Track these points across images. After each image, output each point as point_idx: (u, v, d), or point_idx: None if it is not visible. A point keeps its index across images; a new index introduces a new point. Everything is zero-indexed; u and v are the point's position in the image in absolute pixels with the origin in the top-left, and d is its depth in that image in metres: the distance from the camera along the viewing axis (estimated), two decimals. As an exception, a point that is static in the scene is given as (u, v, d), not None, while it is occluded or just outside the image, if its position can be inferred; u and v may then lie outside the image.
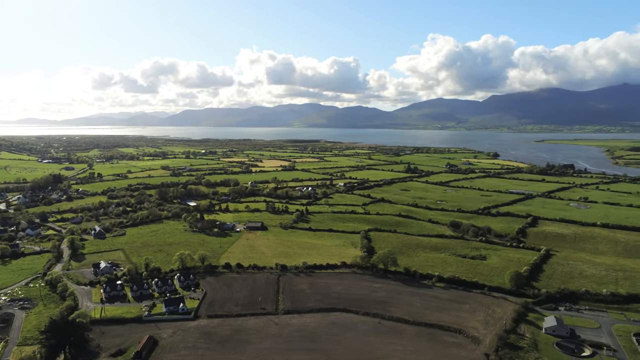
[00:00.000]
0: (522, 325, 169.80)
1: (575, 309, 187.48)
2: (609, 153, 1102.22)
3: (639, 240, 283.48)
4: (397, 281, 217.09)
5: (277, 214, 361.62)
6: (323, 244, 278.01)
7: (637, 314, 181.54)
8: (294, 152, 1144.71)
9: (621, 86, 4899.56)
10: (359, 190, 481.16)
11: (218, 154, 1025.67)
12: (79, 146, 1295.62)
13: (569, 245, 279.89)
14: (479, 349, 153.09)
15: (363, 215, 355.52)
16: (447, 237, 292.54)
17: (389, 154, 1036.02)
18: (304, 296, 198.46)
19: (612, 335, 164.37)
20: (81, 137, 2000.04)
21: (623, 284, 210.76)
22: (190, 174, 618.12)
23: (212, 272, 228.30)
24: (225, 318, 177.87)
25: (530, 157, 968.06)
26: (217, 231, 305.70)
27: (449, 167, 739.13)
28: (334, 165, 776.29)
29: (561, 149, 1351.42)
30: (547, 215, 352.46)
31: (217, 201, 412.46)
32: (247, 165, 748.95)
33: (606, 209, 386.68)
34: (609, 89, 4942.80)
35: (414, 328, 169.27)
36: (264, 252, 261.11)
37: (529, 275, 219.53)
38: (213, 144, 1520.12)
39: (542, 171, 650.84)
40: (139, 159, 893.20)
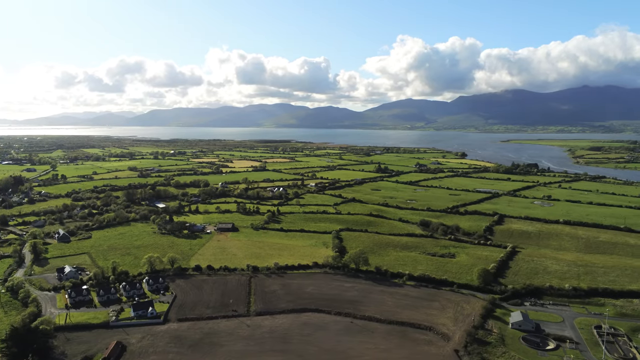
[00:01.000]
0: (489, 321, 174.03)
1: (540, 303, 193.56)
2: (571, 153, 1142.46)
3: (598, 237, 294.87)
4: (368, 280, 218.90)
5: (248, 214, 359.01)
6: (295, 245, 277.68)
7: (598, 307, 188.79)
8: (265, 152, 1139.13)
9: (581, 88, 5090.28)
10: (330, 190, 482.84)
11: (187, 155, 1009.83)
12: (41, 147, 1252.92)
13: (533, 242, 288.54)
14: (448, 346, 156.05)
15: (334, 215, 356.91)
16: (417, 236, 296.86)
17: (359, 154, 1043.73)
18: (276, 297, 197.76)
19: (575, 328, 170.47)
20: (43, 137, 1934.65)
21: (584, 278, 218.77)
22: (159, 175, 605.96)
23: (182, 275, 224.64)
24: (196, 321, 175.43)
25: (496, 157, 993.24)
26: (187, 233, 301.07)
27: (418, 166, 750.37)
28: (305, 165, 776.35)
29: (526, 148, 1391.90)
30: (512, 213, 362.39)
31: (187, 202, 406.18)
32: (218, 166, 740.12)
33: (568, 207, 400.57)
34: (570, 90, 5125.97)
35: (385, 326, 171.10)
36: (235, 253, 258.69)
37: (496, 272, 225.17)
38: (182, 144, 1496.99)
39: (507, 170, 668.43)
40: (105, 159, 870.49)
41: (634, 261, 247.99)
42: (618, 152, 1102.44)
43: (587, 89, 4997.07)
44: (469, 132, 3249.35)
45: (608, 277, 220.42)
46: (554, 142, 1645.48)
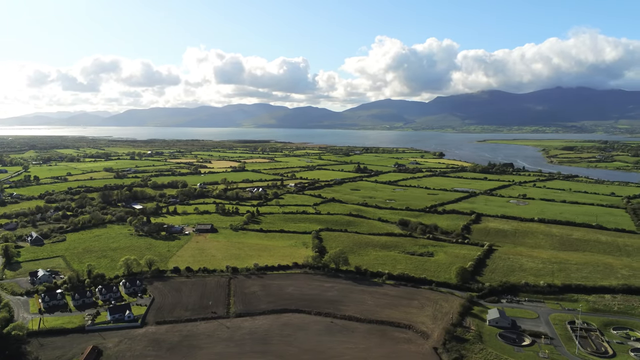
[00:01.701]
0: (467, 318, 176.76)
1: (516, 300, 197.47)
2: (545, 152, 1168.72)
3: (572, 235, 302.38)
4: (348, 280, 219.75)
5: (228, 215, 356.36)
6: (274, 245, 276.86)
7: (571, 303, 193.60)
8: (244, 152, 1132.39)
9: (555, 89, 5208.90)
10: (310, 190, 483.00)
11: (165, 155, 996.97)
12: (12, 147, 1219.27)
13: (509, 240, 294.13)
14: (427, 343, 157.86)
15: (314, 215, 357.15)
16: (397, 235, 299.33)
17: (339, 154, 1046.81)
18: (256, 298, 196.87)
19: (549, 324, 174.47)
20: (15, 137, 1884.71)
21: (558, 275, 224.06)
22: (136, 176, 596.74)
23: (160, 277, 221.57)
24: (175, 324, 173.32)
25: (473, 157, 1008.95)
26: (165, 234, 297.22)
27: (397, 166, 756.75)
28: (285, 165, 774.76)
29: (501, 148, 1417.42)
30: (489, 212, 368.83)
31: (165, 204, 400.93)
32: (196, 167, 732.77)
33: (542, 205, 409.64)
34: (543, 91, 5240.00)
35: (365, 326, 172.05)
36: (214, 254, 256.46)
37: (474, 270, 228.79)
38: (160, 144, 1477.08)
39: (484, 170, 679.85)
40: (80, 160, 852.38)
41: (605, 258, 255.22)
42: (590, 151, 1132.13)
43: (560, 90, 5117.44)
44: (447, 132, 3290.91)
45: (581, 274, 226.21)
46: (529, 142, 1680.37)
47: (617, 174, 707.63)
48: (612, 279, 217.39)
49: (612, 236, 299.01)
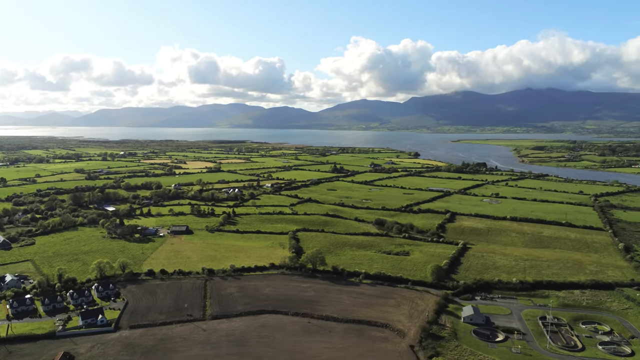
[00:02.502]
0: (443, 316, 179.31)
1: (490, 297, 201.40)
2: (516, 152, 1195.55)
3: (542, 232, 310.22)
4: (325, 280, 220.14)
5: (203, 216, 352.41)
6: (251, 246, 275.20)
7: (542, 299, 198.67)
8: (220, 153, 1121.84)
9: (525, 90, 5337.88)
10: (287, 190, 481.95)
11: (138, 156, 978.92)
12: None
13: (483, 238, 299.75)
14: (404, 342, 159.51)
15: (291, 215, 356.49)
16: (373, 235, 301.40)
17: (315, 154, 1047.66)
18: (233, 300, 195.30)
19: (522, 320, 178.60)
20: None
21: (530, 272, 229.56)
22: (108, 177, 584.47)
23: (134, 280, 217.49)
24: (149, 327, 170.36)
25: (447, 156, 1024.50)
26: (139, 237, 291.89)
27: (373, 166, 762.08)
28: (261, 166, 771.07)
29: (475, 148, 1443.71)
30: (463, 210, 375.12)
31: (138, 205, 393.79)
32: (170, 167, 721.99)
33: (514, 204, 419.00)
34: (515, 92, 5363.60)
35: (342, 325, 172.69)
36: (189, 256, 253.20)
37: (449, 268, 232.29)
38: (133, 145, 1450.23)
39: (458, 169, 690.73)
40: (50, 161, 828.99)
41: (574, 254, 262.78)
42: (559, 151, 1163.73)
43: (531, 91, 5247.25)
44: (422, 132, 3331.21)
45: (551, 270, 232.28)
46: (501, 142, 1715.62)
47: (585, 172, 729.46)
48: (581, 275, 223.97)
49: (581, 233, 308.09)
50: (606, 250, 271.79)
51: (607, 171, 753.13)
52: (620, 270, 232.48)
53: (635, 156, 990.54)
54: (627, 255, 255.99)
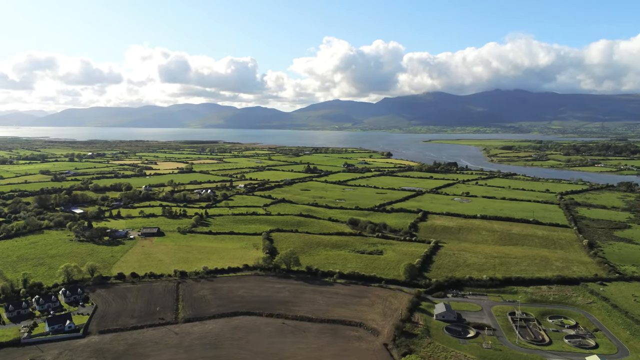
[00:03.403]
0: (416, 313, 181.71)
1: (461, 294, 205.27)
2: (486, 152, 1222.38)
3: (511, 230, 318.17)
4: (299, 280, 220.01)
5: (175, 218, 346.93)
6: (224, 247, 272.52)
7: (511, 295, 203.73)
8: (192, 153, 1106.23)
9: (494, 91, 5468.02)
10: (260, 191, 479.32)
11: (107, 157, 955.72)
12: None
13: (454, 236, 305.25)
14: (378, 340, 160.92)
15: (264, 216, 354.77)
16: (347, 235, 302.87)
17: (288, 155, 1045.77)
18: (206, 302, 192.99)
19: (492, 316, 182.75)
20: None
21: (499, 269, 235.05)
22: (76, 179, 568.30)
23: (103, 284, 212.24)
24: (120, 332, 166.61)
25: (419, 156, 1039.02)
26: (108, 239, 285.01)
27: (346, 166, 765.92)
28: (234, 166, 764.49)
29: (446, 148, 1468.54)
30: (435, 209, 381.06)
31: (108, 207, 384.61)
32: (141, 168, 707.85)
33: (484, 202, 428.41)
34: (484, 93, 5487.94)
35: (317, 325, 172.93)
36: (161, 259, 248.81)
37: (421, 266, 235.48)
38: (101, 145, 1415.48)
39: (430, 169, 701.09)
40: (13, 163, 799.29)
41: (541, 251, 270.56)
42: (526, 151, 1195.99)
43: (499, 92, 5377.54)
44: (394, 132, 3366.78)
45: (520, 267, 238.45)
46: (471, 142, 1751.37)
47: (551, 171, 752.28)
48: (547, 271, 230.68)
49: (548, 230, 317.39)
50: (571, 247, 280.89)
51: (572, 170, 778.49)
52: (584, 266, 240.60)
53: (598, 155, 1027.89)
54: (591, 251, 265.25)
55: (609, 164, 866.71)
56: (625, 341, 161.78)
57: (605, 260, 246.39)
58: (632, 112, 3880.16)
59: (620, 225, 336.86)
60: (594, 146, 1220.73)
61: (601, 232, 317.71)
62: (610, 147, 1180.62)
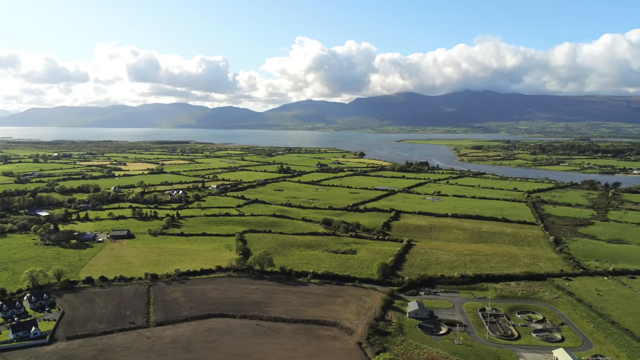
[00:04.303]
0: (389, 312, 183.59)
1: (433, 292, 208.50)
2: (456, 151, 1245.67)
3: (481, 228, 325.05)
4: (273, 281, 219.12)
5: (145, 220, 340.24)
6: (197, 249, 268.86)
7: (482, 291, 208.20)
8: (162, 154, 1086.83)
9: (464, 92, 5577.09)
10: (233, 191, 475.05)
11: (74, 157, 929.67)
12: None
13: (426, 235, 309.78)
14: (352, 339, 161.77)
15: (237, 217, 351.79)
16: (320, 234, 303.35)
17: (261, 155, 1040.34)
18: (178, 305, 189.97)
19: (463, 312, 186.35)
20: None
21: (470, 266, 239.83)
22: (41, 180, 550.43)
23: (71, 289, 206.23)
24: (88, 338, 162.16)
25: (391, 156, 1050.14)
26: (76, 243, 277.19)
27: (319, 166, 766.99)
28: (206, 167, 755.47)
29: (417, 148, 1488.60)
30: (407, 208, 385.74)
31: (75, 209, 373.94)
32: (109, 169, 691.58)
33: (455, 201, 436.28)
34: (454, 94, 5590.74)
35: (291, 326, 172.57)
36: (131, 262, 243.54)
37: (394, 265, 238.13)
38: (67, 146, 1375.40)
39: (402, 169, 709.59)
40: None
41: (510, 248, 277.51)
42: (495, 150, 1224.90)
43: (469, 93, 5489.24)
44: (366, 132, 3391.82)
45: (490, 264, 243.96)
46: (442, 142, 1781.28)
47: (518, 170, 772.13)
48: (516, 268, 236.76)
49: (516, 228, 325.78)
50: (538, 244, 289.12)
51: (538, 169, 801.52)
52: (551, 262, 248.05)
53: (563, 154, 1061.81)
54: (557, 248, 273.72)
55: (573, 163, 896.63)
56: (590, 334, 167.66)
57: (570, 256, 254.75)
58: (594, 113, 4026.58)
59: (584, 222, 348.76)
60: (559, 146, 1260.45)
61: (566, 228, 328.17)
62: (574, 146, 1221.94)
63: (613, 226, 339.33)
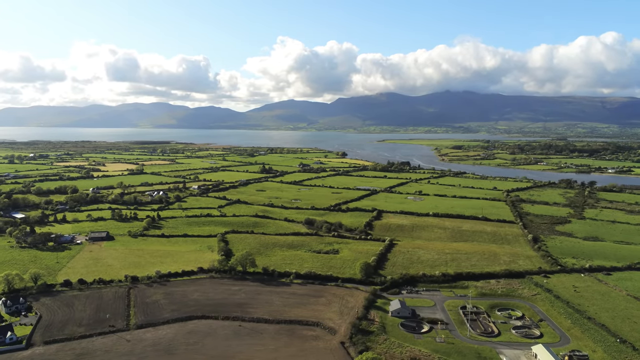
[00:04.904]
0: (372, 311, 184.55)
1: (415, 291, 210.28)
2: (437, 151, 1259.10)
3: (462, 226, 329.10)
4: (256, 282, 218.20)
5: (125, 221, 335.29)
6: (178, 250, 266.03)
7: (462, 289, 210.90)
8: (142, 154, 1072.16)
9: (444, 92, 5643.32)
10: (214, 192, 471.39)
11: (51, 158, 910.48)
12: None
13: (408, 234, 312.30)
14: (335, 339, 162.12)
15: (219, 217, 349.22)
16: (303, 235, 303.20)
17: (243, 155, 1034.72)
18: (159, 307, 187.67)
19: (445, 310, 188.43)
20: None
21: (451, 265, 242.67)
22: (16, 182, 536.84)
23: (48, 292, 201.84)
24: (67, 342, 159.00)
25: (373, 156, 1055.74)
26: (53, 245, 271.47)
27: (302, 166, 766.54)
28: (187, 167, 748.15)
29: (399, 148, 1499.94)
30: (389, 208, 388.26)
31: (52, 211, 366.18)
32: (88, 170, 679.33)
33: (436, 200, 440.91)
34: (434, 94, 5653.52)
35: (274, 326, 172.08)
36: (111, 264, 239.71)
37: (377, 264, 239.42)
38: (44, 146, 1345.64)
39: (384, 168, 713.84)
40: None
41: (490, 246, 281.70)
42: (475, 150, 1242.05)
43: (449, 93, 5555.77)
44: (348, 132, 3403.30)
45: (470, 262, 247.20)
46: (423, 142, 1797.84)
47: (498, 170, 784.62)
48: (496, 266, 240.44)
49: (496, 226, 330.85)
50: (517, 242, 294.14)
51: (517, 168, 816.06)
52: (529, 260, 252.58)
53: (541, 154, 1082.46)
54: (535, 246, 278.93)
55: (550, 162, 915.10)
56: (567, 330, 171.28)
57: (548, 254, 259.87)
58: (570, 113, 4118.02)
59: (562, 220, 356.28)
60: (537, 145, 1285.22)
61: (544, 227, 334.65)
62: (552, 146, 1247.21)
63: (589, 224, 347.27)
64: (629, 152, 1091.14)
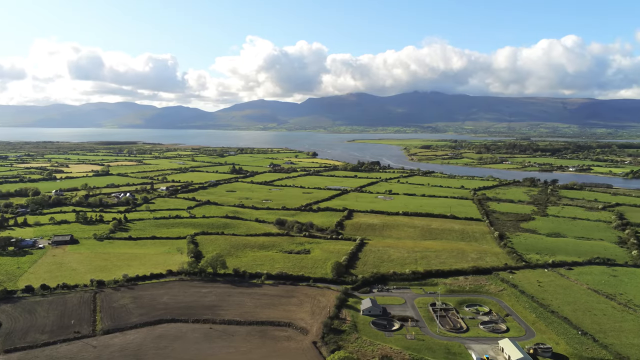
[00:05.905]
0: (343, 310, 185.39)
1: (386, 289, 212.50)
2: (406, 151, 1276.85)
3: (431, 225, 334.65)
4: (227, 283, 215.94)
5: (90, 224, 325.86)
6: (146, 253, 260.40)
7: (432, 287, 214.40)
8: (108, 155, 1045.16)
9: (413, 93, 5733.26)
10: (183, 193, 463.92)
11: (10, 159, 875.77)
12: None
13: (378, 233, 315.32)
14: (307, 339, 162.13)
15: (189, 219, 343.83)
16: (274, 235, 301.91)
17: (213, 155, 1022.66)
18: (126, 312, 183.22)
19: (415, 308, 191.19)
20: None
21: (421, 262, 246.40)
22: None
23: (8, 299, 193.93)
24: (29, 350, 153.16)
25: (344, 156, 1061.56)
26: (14, 250, 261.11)
27: (272, 166, 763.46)
28: (155, 168, 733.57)
29: (369, 147, 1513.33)
30: (360, 207, 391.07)
31: (12, 214, 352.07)
32: (50, 172, 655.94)
33: (406, 200, 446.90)
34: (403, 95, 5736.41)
35: (245, 328, 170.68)
36: (75, 268, 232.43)
37: (348, 263, 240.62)
38: (3, 147, 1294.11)
39: (354, 168, 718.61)
40: None
41: (459, 244, 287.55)
42: (443, 149, 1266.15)
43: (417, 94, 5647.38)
44: (319, 132, 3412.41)
45: (439, 260, 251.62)
46: (393, 142, 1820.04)
47: (465, 169, 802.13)
48: (464, 263, 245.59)
49: (463, 224, 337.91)
50: (484, 239, 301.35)
51: (484, 167, 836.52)
52: (496, 256, 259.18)
53: (506, 153, 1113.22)
54: (501, 242, 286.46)
55: (515, 161, 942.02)
56: (532, 323, 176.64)
57: (514, 250, 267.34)
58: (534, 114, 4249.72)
59: (526, 217, 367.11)
60: (502, 145, 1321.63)
61: (510, 224, 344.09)
62: (516, 145, 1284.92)
63: (552, 221, 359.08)
64: (589, 151, 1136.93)
